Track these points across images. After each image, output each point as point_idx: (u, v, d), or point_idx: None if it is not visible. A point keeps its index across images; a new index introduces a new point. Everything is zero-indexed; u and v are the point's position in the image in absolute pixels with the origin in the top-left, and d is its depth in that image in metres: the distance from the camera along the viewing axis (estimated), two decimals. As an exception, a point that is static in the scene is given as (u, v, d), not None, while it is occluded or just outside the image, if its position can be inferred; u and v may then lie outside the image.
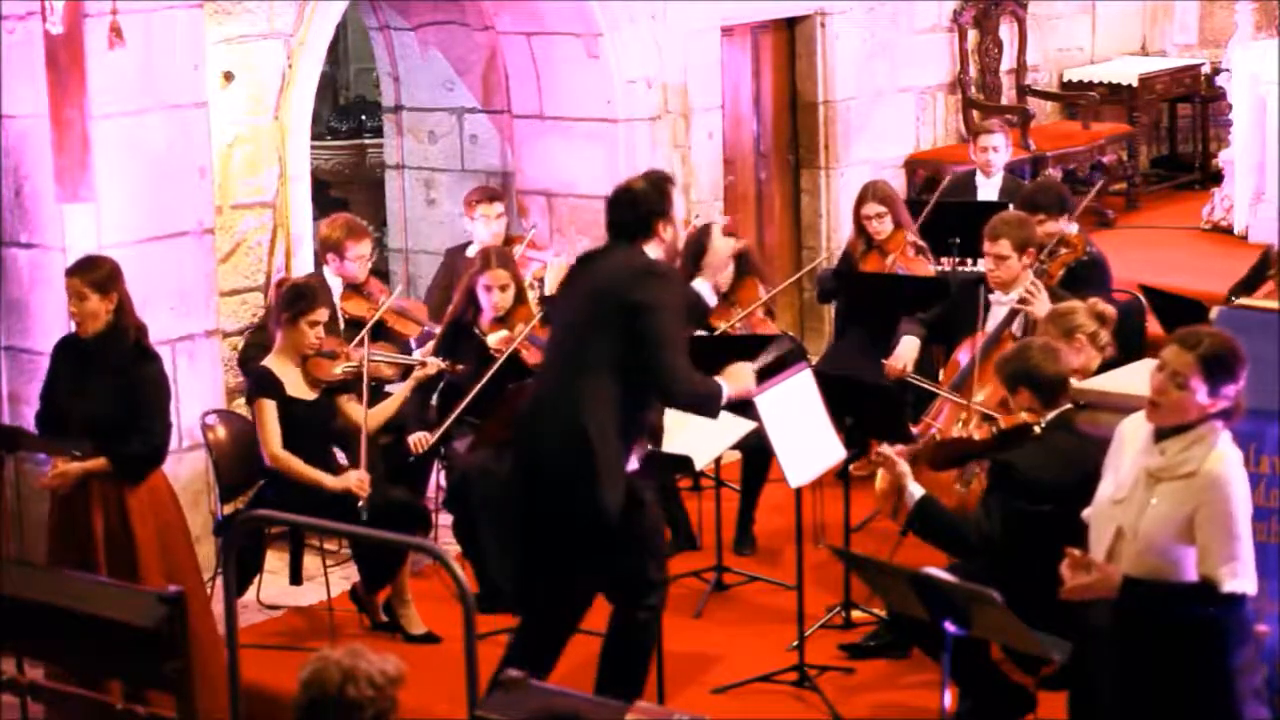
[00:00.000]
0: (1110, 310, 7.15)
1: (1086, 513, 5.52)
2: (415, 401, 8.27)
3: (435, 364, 8.08)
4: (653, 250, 6.52)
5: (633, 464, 6.48)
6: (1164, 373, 5.23)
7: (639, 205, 6.53)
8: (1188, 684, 5.25)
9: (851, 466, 7.17)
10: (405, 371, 8.21)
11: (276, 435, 7.59)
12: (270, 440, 7.59)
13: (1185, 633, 5.23)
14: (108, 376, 7.00)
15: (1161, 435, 5.25)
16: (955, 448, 6.87)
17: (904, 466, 6.33)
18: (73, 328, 7.25)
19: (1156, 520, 5.19)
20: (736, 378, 6.67)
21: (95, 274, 7.02)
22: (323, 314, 7.74)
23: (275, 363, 7.70)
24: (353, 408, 7.82)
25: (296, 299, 7.70)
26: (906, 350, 8.30)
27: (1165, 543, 5.18)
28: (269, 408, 7.60)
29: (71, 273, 7.08)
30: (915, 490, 6.29)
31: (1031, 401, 6.38)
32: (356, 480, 7.56)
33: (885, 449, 6.48)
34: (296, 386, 7.69)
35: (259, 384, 7.68)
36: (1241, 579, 5.16)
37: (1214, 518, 5.13)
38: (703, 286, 6.94)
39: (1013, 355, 6.55)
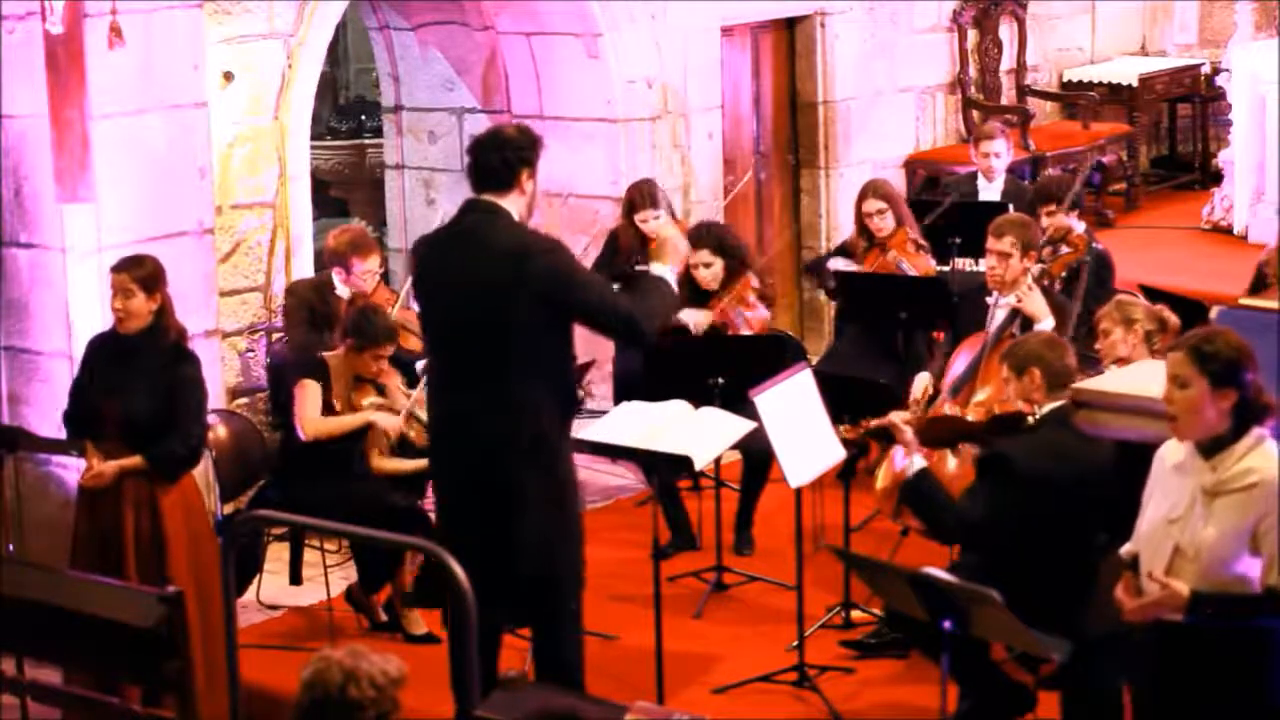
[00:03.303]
0: (1174, 320, 7.14)
1: (1125, 549, 5.41)
2: None
3: None
4: (514, 204, 6.32)
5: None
6: (1168, 381, 5.19)
7: (506, 149, 6.32)
8: (1231, 699, 5.17)
9: (843, 429, 7.10)
10: None
11: (316, 412, 7.61)
12: (308, 418, 7.61)
13: (1229, 648, 5.13)
14: (146, 376, 6.99)
15: (1208, 453, 5.15)
16: (947, 426, 6.87)
17: (910, 435, 6.44)
18: (98, 324, 7.24)
19: (1220, 535, 5.08)
20: (667, 254, 6.60)
21: (141, 271, 7.00)
22: (389, 350, 7.76)
23: (332, 363, 7.74)
24: (373, 449, 7.81)
25: (365, 330, 7.71)
26: (919, 386, 8.23)
27: (1232, 556, 5.07)
28: (314, 389, 7.62)
29: (118, 269, 7.05)
30: (917, 461, 6.38)
31: (1037, 385, 6.37)
32: (393, 426, 7.71)
33: (894, 416, 6.55)
34: (338, 399, 7.71)
35: (311, 367, 7.71)
36: None
37: (1277, 527, 5.04)
38: (663, 270, 6.62)
39: (1024, 341, 6.63)
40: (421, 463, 7.79)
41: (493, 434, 6.24)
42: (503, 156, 6.30)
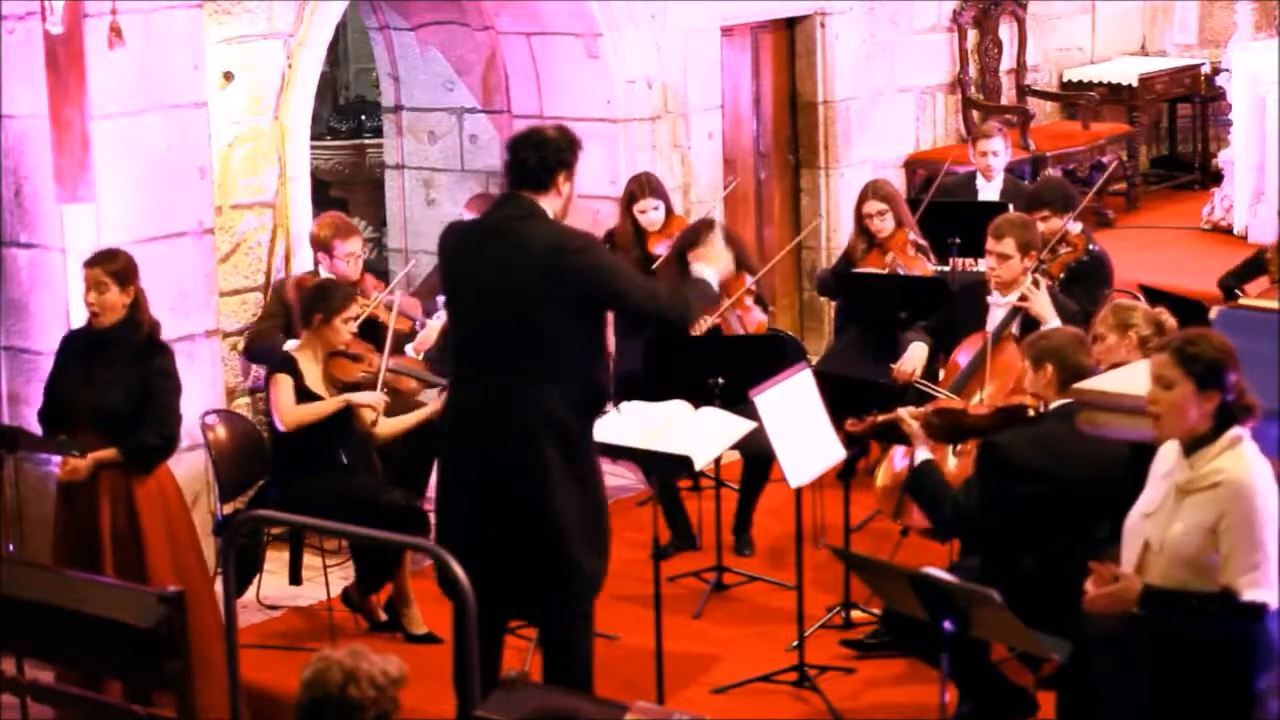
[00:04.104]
0: (1171, 323, 7.13)
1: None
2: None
3: None
4: (549, 204, 6.32)
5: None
6: (1151, 382, 5.23)
7: (546, 149, 6.32)
8: (1207, 703, 5.20)
9: (848, 423, 7.12)
10: (432, 386, 8.23)
11: (291, 402, 7.62)
12: (284, 408, 7.60)
13: (1208, 651, 5.17)
14: (119, 367, 7.01)
15: (1187, 451, 5.20)
16: (953, 419, 6.88)
17: (916, 427, 6.54)
18: (81, 322, 7.26)
19: (1184, 532, 5.14)
20: (713, 258, 6.72)
21: (115, 265, 7.05)
22: (355, 309, 7.79)
23: (299, 356, 7.72)
24: (366, 414, 7.82)
25: (329, 299, 7.73)
26: (915, 355, 8.27)
27: (1194, 554, 5.13)
28: (285, 381, 7.62)
29: (91, 263, 7.09)
30: (921, 453, 6.47)
31: (1049, 380, 6.38)
32: (374, 401, 7.73)
33: (901, 411, 6.59)
34: (315, 384, 7.71)
35: (280, 364, 7.73)
36: (1264, 589, 5.10)
37: (1236, 526, 5.08)
38: (705, 271, 6.72)
39: (1045, 335, 6.61)
40: (423, 412, 7.92)
41: (519, 432, 6.22)
42: (540, 157, 6.31)
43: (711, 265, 6.71)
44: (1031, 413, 6.49)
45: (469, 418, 6.37)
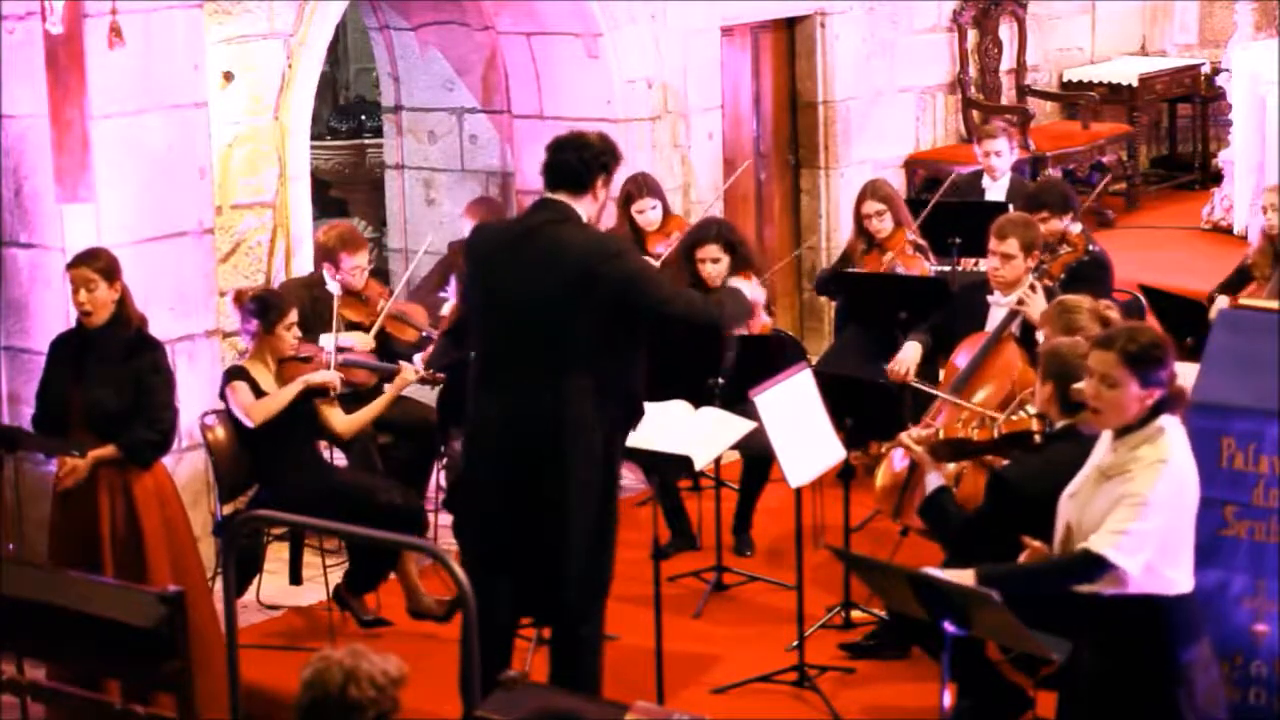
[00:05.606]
0: (1116, 317, 7.08)
1: None
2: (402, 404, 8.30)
3: (413, 371, 8.05)
4: (585, 208, 6.34)
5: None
6: (1093, 379, 5.30)
7: (587, 150, 6.34)
8: (1131, 685, 5.29)
9: (851, 456, 7.14)
10: (385, 376, 8.22)
11: (252, 399, 7.61)
12: (248, 406, 7.59)
13: (1127, 632, 5.26)
14: (111, 364, 7.02)
15: (1117, 435, 5.32)
16: (957, 445, 6.87)
17: (922, 452, 6.46)
18: (73, 324, 7.26)
19: (1099, 516, 5.25)
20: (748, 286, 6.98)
21: (100, 263, 7.05)
22: (294, 315, 7.77)
23: (251, 367, 7.71)
24: (331, 414, 7.82)
25: (267, 309, 7.71)
26: (909, 355, 8.29)
27: None
28: (241, 385, 7.63)
29: (76, 264, 7.08)
30: (933, 480, 6.38)
31: (1051, 399, 6.24)
32: (328, 378, 7.74)
33: (905, 437, 6.54)
34: (271, 390, 7.70)
35: (231, 374, 7.74)
36: (1123, 554, 5.14)
37: (1126, 499, 5.19)
38: (740, 283, 6.90)
39: (1056, 352, 6.23)
40: (383, 400, 7.93)
41: (543, 438, 6.22)
42: (581, 157, 6.33)
43: (747, 284, 6.94)
44: (1037, 438, 6.41)
45: (494, 422, 6.35)
